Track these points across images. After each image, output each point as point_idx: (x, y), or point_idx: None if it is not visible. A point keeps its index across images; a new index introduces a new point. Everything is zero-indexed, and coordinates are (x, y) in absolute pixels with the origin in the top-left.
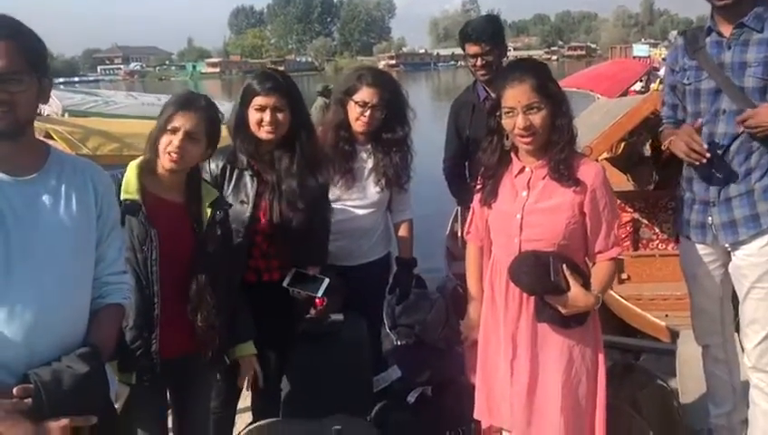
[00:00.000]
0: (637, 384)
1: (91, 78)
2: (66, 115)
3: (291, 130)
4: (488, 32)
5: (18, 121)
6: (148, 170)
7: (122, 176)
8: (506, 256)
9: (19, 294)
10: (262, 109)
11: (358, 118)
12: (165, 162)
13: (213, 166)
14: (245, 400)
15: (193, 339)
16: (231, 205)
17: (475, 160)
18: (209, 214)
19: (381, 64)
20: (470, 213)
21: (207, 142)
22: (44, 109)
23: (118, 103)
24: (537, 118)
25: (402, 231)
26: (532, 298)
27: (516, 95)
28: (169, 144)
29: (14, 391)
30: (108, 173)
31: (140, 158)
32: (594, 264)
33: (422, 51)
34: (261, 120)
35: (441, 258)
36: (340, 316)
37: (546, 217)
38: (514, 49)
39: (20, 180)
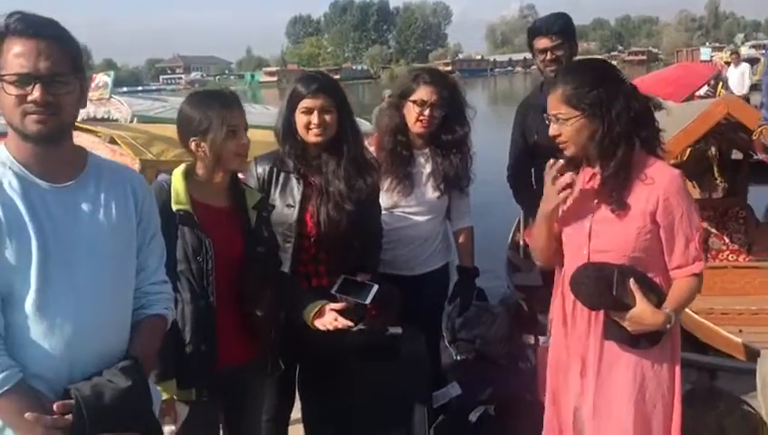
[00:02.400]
0: (723, 411)
1: (153, 87)
2: (135, 120)
3: (338, 132)
4: (558, 25)
5: (63, 125)
6: (191, 178)
7: (168, 185)
8: (575, 268)
9: (58, 306)
10: (309, 111)
11: (417, 119)
12: (237, 163)
13: (260, 170)
14: (295, 411)
15: (251, 345)
16: (274, 207)
17: (542, 165)
18: (255, 217)
19: None
20: None
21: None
22: (114, 113)
23: None
24: (565, 128)
25: (462, 239)
26: (601, 314)
27: (551, 102)
28: (239, 146)
29: (55, 407)
30: (152, 184)
31: (182, 166)
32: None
33: (478, 57)
34: (308, 123)
35: (500, 270)
36: (398, 329)
37: (616, 226)
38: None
39: (58, 187)
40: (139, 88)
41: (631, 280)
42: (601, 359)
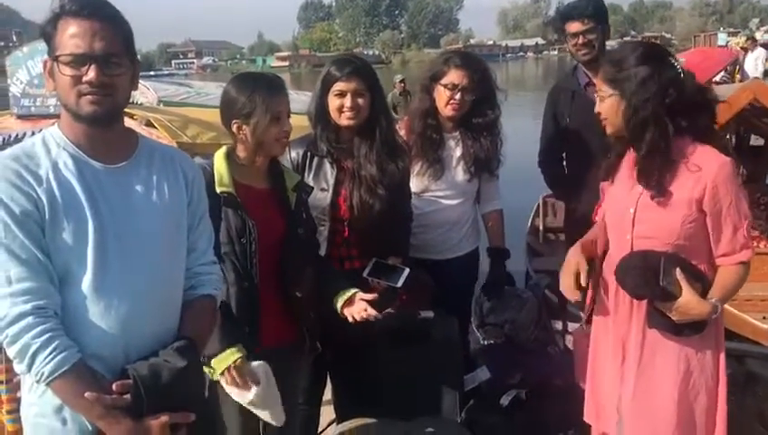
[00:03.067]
0: (762, 397)
1: (165, 72)
2: (161, 105)
3: (370, 115)
4: (591, 8)
5: (117, 106)
6: (232, 160)
7: (210, 167)
8: (618, 255)
9: (115, 287)
10: (342, 94)
11: (448, 102)
12: (278, 148)
13: (293, 154)
14: (326, 393)
15: (291, 326)
16: (312, 188)
17: (574, 150)
18: (294, 197)
19: None
20: (600, 199)
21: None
22: (139, 98)
23: (209, 94)
24: (603, 106)
25: (492, 221)
26: (644, 302)
27: (599, 80)
28: (281, 132)
29: (114, 386)
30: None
31: (224, 148)
32: (719, 268)
33: (490, 42)
34: (341, 106)
35: (521, 254)
36: (430, 313)
37: (660, 213)
38: None
39: (111, 168)
40: (152, 72)
41: (677, 269)
42: (644, 346)
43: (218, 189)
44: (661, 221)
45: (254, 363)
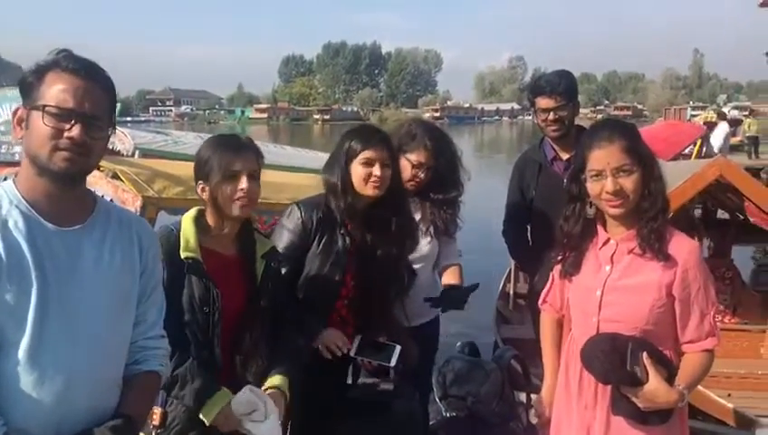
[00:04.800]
0: None
1: (142, 118)
2: (137, 153)
3: (389, 187)
4: (563, 85)
5: (88, 168)
6: (201, 224)
7: (177, 230)
8: (583, 337)
9: (51, 355)
10: (370, 163)
11: (412, 178)
12: (234, 209)
13: (306, 217)
14: None
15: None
16: (282, 259)
17: (539, 224)
18: (263, 267)
19: (426, 117)
20: (549, 281)
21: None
22: (117, 145)
23: (186, 144)
24: (628, 181)
25: (450, 271)
26: (608, 387)
27: (605, 156)
28: (236, 191)
29: None
30: (155, 228)
31: (194, 210)
32: (684, 354)
33: (467, 105)
34: (369, 175)
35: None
36: (389, 385)
37: (628, 296)
38: None
39: (65, 230)
40: (128, 119)
41: (644, 354)
42: (608, 432)
43: (183, 254)
44: (629, 305)
45: (239, 396)
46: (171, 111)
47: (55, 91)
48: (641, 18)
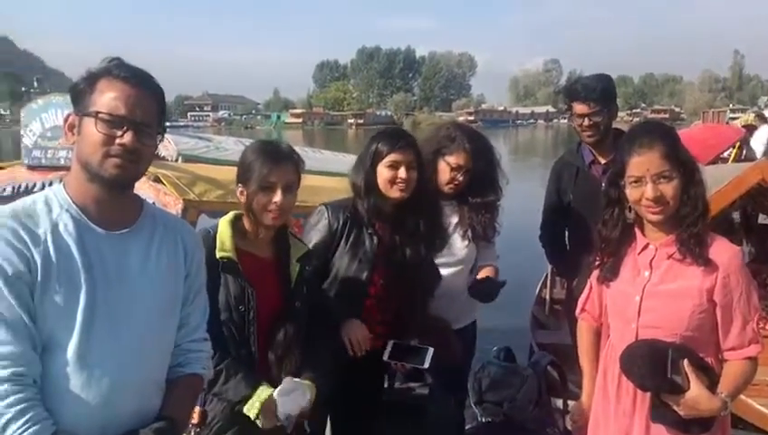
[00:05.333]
0: None
1: (181, 123)
2: (180, 159)
3: (416, 189)
4: (599, 90)
5: (138, 174)
6: (238, 227)
7: (214, 232)
8: (622, 343)
9: (98, 357)
10: (395, 166)
11: (450, 181)
12: (266, 219)
13: (333, 219)
14: None
15: None
16: (317, 261)
17: (576, 227)
18: (297, 270)
19: (460, 120)
20: (587, 288)
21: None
22: (162, 151)
23: (228, 150)
24: (668, 187)
25: (485, 270)
26: (647, 394)
27: (645, 162)
28: (270, 202)
29: None
30: (198, 231)
31: (231, 213)
32: (726, 361)
33: (501, 108)
34: (394, 178)
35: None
36: (425, 390)
37: (668, 301)
38: None
39: (112, 234)
40: (167, 123)
41: (685, 361)
42: None
43: (218, 254)
44: (669, 311)
45: (282, 386)
46: (209, 116)
47: (107, 98)
48: (679, 19)
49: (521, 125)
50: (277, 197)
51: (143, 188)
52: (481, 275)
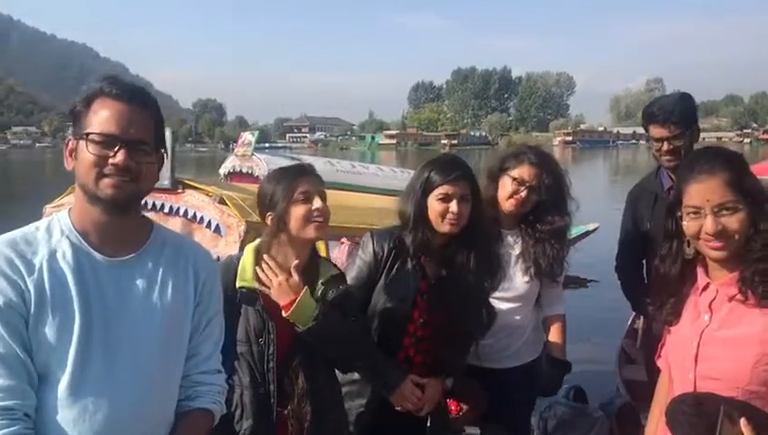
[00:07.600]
0: None
1: (279, 145)
2: None
3: (469, 222)
4: (678, 112)
5: (139, 193)
6: (262, 255)
7: (237, 260)
8: (671, 399)
9: (93, 391)
10: (447, 199)
11: (511, 195)
12: (309, 230)
13: (378, 247)
14: None
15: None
16: (346, 288)
17: (654, 258)
18: (320, 293)
19: (557, 140)
20: (665, 332)
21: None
22: (255, 170)
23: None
24: (732, 221)
25: (554, 328)
26: None
27: (704, 191)
28: (309, 211)
29: None
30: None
31: (257, 241)
32: None
33: (601, 128)
34: (445, 212)
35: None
36: (476, 430)
37: (727, 350)
38: (702, 130)
39: (114, 261)
40: (267, 145)
41: (743, 420)
42: None
43: (238, 284)
44: (728, 360)
45: None
46: (306, 137)
47: (99, 118)
48: None
49: (622, 146)
50: (317, 203)
51: (209, 210)
52: (550, 337)
